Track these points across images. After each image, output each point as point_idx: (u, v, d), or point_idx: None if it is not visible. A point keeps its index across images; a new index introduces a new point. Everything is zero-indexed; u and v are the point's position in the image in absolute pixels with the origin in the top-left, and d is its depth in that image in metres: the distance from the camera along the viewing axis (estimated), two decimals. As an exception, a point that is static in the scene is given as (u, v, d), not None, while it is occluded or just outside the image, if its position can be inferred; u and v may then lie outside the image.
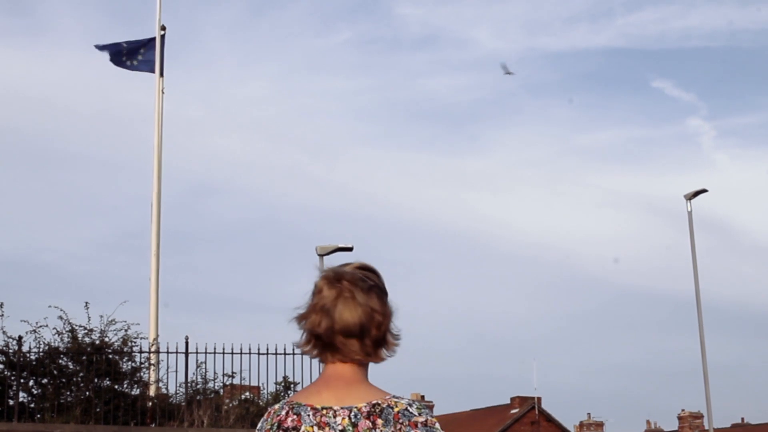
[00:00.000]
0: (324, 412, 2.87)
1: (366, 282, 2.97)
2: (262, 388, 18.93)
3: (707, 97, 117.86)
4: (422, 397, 69.00)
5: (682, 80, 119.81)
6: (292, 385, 18.39)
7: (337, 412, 2.86)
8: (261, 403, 18.51)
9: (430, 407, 68.94)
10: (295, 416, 2.88)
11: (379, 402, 2.86)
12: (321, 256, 26.18)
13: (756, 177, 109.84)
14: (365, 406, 2.85)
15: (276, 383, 18.55)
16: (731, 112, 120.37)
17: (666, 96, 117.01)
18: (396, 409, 2.85)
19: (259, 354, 18.27)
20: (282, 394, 18.26)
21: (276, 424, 2.90)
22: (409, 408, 2.86)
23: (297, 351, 3.09)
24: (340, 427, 2.83)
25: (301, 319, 2.96)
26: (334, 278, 2.97)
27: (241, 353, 18.28)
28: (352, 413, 2.85)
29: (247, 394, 19.13)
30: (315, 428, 2.85)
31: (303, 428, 2.86)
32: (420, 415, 2.86)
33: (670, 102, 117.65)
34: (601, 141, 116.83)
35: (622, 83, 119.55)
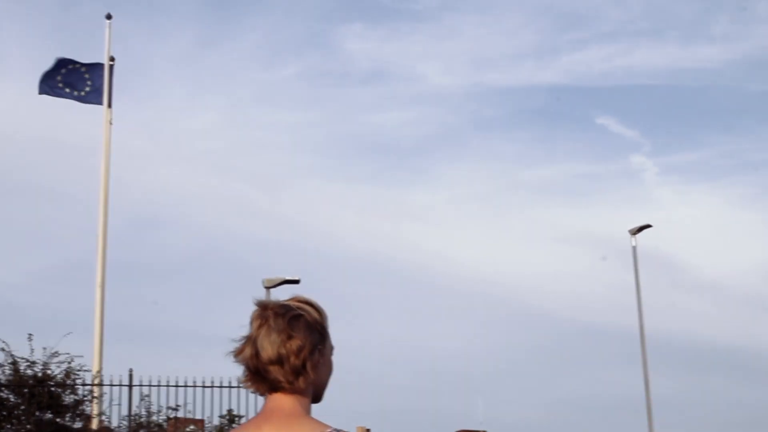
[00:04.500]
0: None
1: (292, 310, 2.99)
2: (206, 422, 18.79)
3: (650, 134, 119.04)
4: (368, 430, 68.83)
5: (625, 117, 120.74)
6: (236, 419, 18.28)
7: None
8: (205, 437, 18.39)
9: (376, 441, 68.66)
10: None
11: None
12: (268, 288, 26.07)
13: (698, 213, 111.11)
14: None
15: (221, 416, 18.45)
16: (673, 149, 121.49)
17: (610, 132, 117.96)
18: None
19: (204, 387, 18.16)
20: (227, 427, 18.14)
21: None
22: None
23: (241, 385, 3.06)
24: None
25: (236, 353, 2.98)
26: (261, 308, 2.99)
27: (185, 386, 18.16)
28: None
29: (192, 427, 18.99)
30: None
31: None
32: None
33: (614, 139, 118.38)
34: (546, 176, 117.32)
35: (567, 120, 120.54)
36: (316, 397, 3.06)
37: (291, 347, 2.92)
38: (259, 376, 2.94)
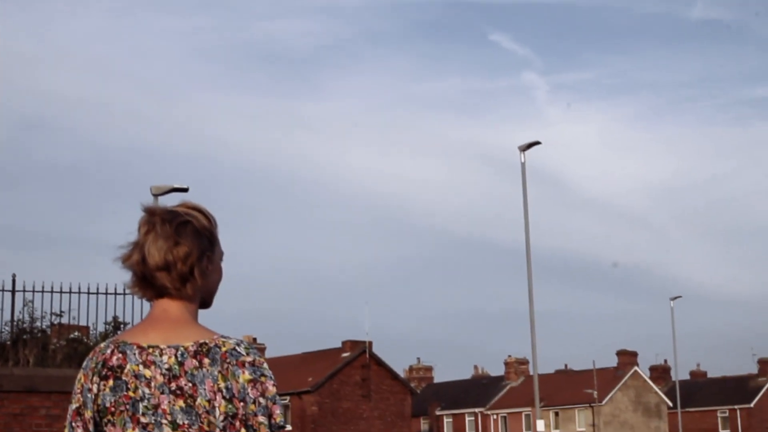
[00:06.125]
0: (150, 350, 2.87)
1: (179, 216, 2.96)
2: (91, 328, 18.68)
3: (542, 52, 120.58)
4: (254, 339, 69.01)
5: (518, 35, 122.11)
6: (122, 325, 18.18)
7: (164, 351, 2.86)
8: (90, 343, 18.26)
9: (262, 350, 69.02)
10: (120, 355, 2.87)
11: (207, 341, 2.87)
12: (156, 196, 25.85)
13: (586, 132, 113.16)
14: (192, 346, 2.86)
15: (106, 323, 18.33)
16: (564, 68, 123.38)
17: (502, 49, 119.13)
18: (223, 349, 2.86)
19: (89, 293, 17.96)
20: (111, 334, 18.03)
21: (101, 363, 2.89)
22: (237, 348, 2.87)
23: (128, 291, 3.03)
24: (166, 366, 2.84)
25: (123, 259, 2.95)
26: (148, 214, 2.97)
27: (70, 292, 17.94)
28: (179, 352, 2.85)
29: (76, 333, 18.85)
30: (140, 367, 2.85)
31: (128, 367, 2.86)
32: (248, 354, 2.88)
33: (507, 55, 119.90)
34: (437, 91, 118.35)
35: (461, 35, 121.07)
36: (205, 303, 3.06)
37: (178, 253, 2.91)
38: (146, 282, 2.93)
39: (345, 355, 62.62)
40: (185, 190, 26.35)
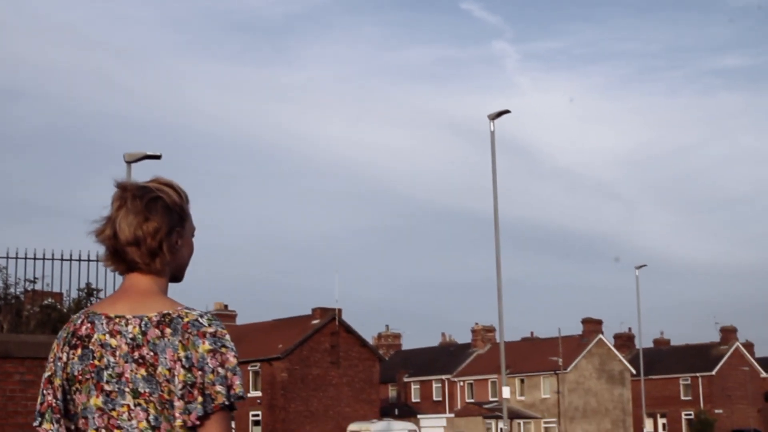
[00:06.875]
0: (117, 320, 3.03)
1: (150, 192, 3.09)
2: (65, 295, 18.76)
3: (513, 20, 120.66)
4: (225, 306, 69.29)
5: (489, 3, 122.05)
6: (95, 292, 18.30)
7: (129, 321, 3.02)
8: (63, 310, 18.49)
9: (233, 317, 69.33)
10: (89, 324, 3.05)
11: (170, 312, 3.02)
12: (129, 163, 26.09)
13: (555, 101, 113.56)
14: (156, 316, 3.01)
15: (79, 290, 18.40)
16: (535, 37, 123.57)
17: (473, 18, 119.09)
18: (186, 320, 3.00)
19: (62, 260, 18.08)
20: (84, 300, 18.23)
21: (71, 333, 3.08)
22: (199, 319, 3.00)
23: (102, 263, 3.38)
24: (131, 335, 3.00)
25: (96, 233, 3.11)
26: (121, 189, 3.10)
27: (44, 259, 18.04)
28: (143, 322, 3.01)
29: (50, 300, 18.98)
30: (107, 336, 3.02)
31: (96, 336, 3.03)
32: (210, 326, 2.99)
33: (477, 24, 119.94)
34: (408, 59, 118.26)
35: (432, 3, 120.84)
36: (176, 278, 3.24)
37: (147, 229, 3.04)
38: (118, 256, 3.11)
39: (315, 322, 62.99)
40: (158, 157, 26.51)
